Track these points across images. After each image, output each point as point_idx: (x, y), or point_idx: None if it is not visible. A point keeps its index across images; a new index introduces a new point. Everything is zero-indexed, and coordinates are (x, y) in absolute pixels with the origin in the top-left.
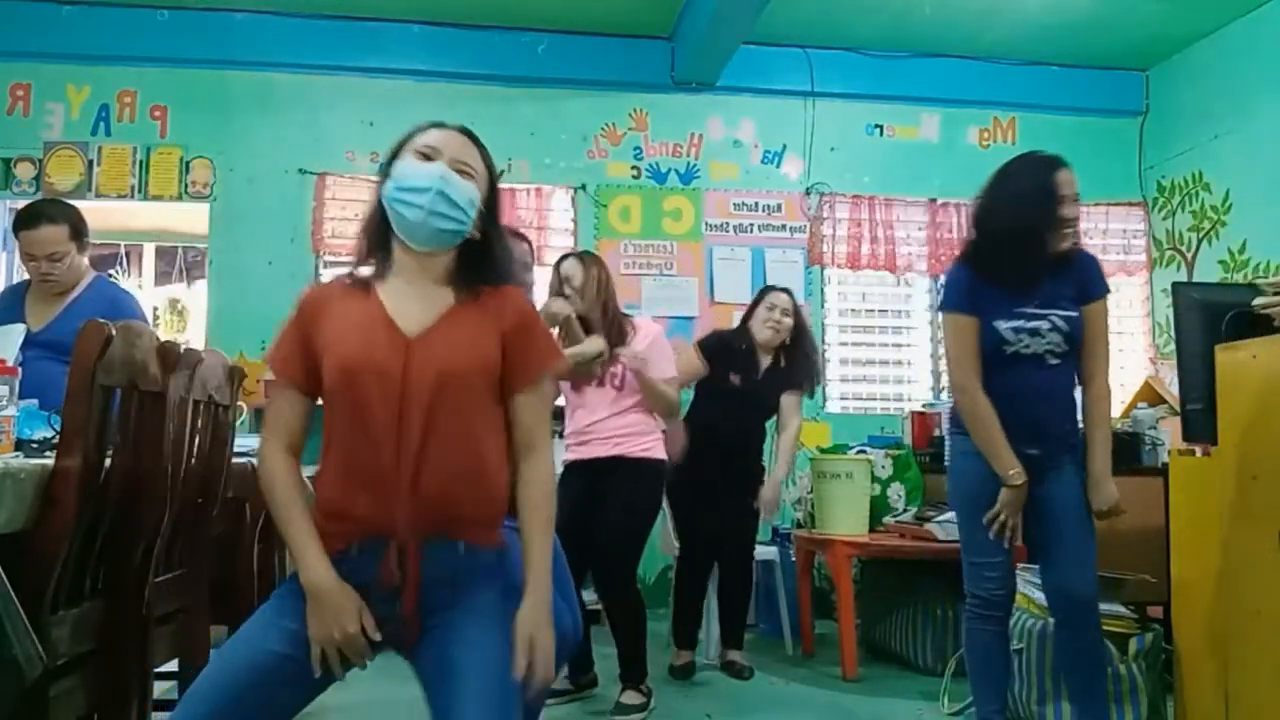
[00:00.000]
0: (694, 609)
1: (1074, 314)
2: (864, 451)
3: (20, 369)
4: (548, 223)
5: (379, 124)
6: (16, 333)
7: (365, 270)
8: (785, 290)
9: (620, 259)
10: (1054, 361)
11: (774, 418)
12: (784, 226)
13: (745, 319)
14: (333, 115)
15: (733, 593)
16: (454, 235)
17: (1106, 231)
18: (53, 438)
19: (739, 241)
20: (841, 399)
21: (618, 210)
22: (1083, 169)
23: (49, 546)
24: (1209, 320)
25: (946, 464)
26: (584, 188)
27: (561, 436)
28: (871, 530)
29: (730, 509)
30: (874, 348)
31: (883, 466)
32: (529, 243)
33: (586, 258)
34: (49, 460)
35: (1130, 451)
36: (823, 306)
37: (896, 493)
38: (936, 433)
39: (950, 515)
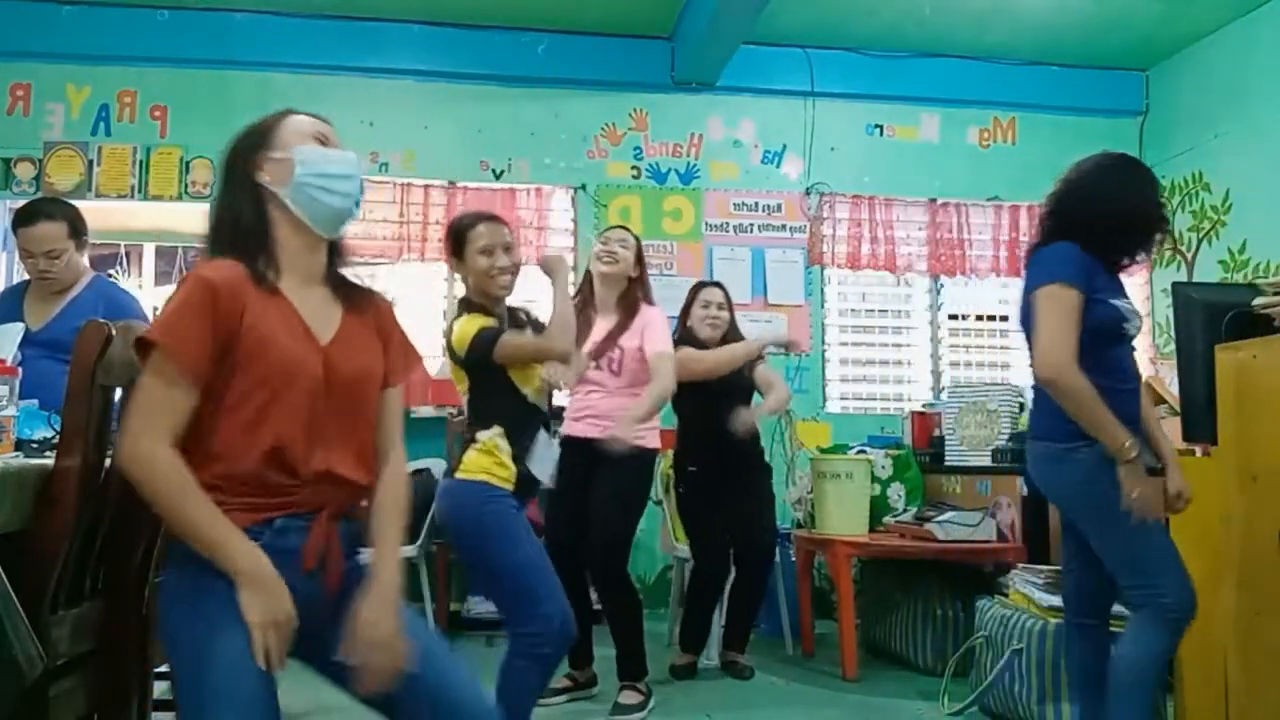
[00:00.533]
0: (706, 617)
1: None
2: (864, 451)
3: (19, 368)
4: (548, 223)
5: (379, 124)
6: (15, 331)
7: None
8: (718, 284)
9: None
10: (1134, 347)
11: (754, 399)
12: (784, 226)
13: (683, 319)
14: (333, 115)
15: (747, 594)
16: (352, 219)
17: None
18: (53, 438)
19: (739, 241)
20: (841, 399)
21: (618, 210)
22: None
23: (49, 546)
24: (1209, 320)
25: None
26: (584, 188)
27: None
28: (871, 530)
29: (737, 503)
30: (874, 348)
31: (883, 466)
32: (508, 225)
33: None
34: (49, 460)
35: None
36: (823, 306)
37: (896, 493)
38: (936, 433)
39: (951, 515)
